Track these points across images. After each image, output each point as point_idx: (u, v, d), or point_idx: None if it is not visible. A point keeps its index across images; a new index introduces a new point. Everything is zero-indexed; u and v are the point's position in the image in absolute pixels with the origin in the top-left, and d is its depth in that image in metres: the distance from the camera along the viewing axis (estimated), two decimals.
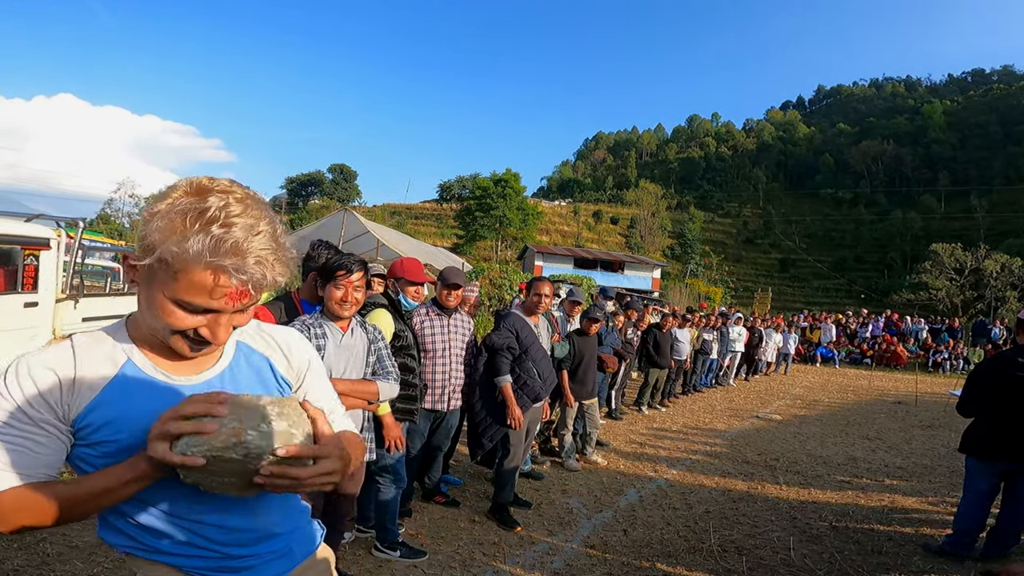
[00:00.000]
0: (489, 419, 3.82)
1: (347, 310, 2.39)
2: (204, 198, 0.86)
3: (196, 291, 0.87)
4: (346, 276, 2.36)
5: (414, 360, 3.14)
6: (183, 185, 0.90)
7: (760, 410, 8.84)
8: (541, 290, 4.07)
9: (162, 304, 0.89)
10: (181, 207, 0.85)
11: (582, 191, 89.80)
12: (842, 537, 3.72)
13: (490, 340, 3.81)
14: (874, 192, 74.57)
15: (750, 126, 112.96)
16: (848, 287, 52.50)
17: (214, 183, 0.90)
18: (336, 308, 2.37)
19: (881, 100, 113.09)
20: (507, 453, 3.95)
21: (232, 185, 0.92)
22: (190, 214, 0.84)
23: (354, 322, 2.49)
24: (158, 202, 0.88)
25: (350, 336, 2.45)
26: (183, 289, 0.87)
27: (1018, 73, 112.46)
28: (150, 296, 0.90)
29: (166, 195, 0.89)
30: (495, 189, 44.17)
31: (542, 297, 4.05)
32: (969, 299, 33.86)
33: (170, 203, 0.86)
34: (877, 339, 18.51)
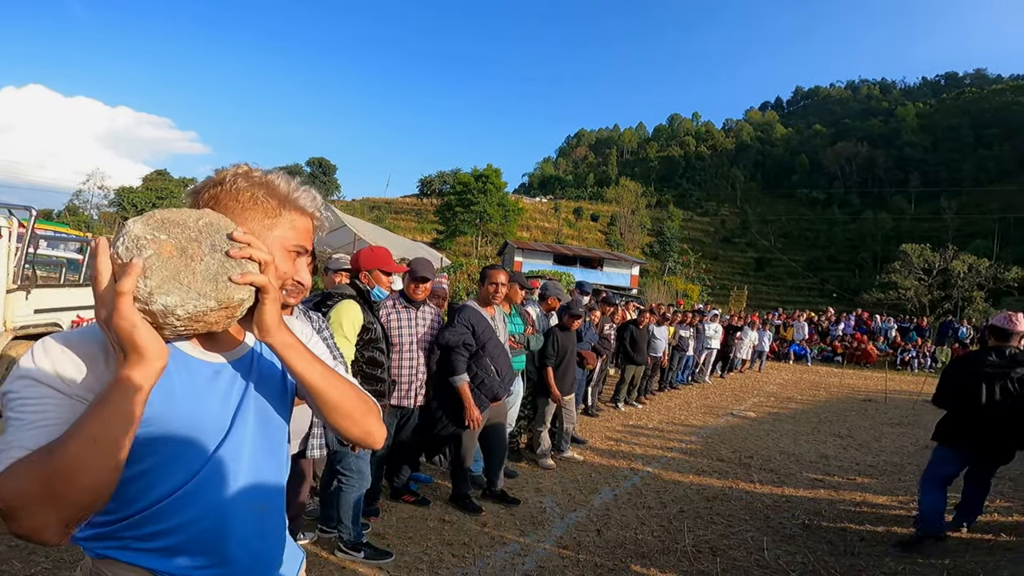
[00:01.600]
0: (445, 419, 3.69)
1: (293, 298, 2.18)
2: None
3: (302, 235, 1.01)
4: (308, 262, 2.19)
5: (383, 354, 3.02)
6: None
7: (735, 407, 8.89)
8: (496, 279, 3.85)
9: (282, 255, 0.98)
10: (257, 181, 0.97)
11: (563, 188, 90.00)
12: (815, 537, 3.70)
13: (444, 338, 3.60)
14: (847, 193, 76.12)
15: (729, 126, 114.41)
16: (821, 286, 53.46)
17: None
18: (286, 299, 2.16)
19: (856, 102, 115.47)
20: (461, 452, 3.86)
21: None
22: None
23: (296, 311, 2.24)
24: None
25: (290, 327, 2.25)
26: (293, 235, 1.00)
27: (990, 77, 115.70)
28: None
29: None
30: (476, 185, 43.88)
31: (498, 287, 3.85)
32: (937, 299, 34.68)
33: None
34: (848, 337, 18.86)
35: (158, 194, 42.74)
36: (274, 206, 0.96)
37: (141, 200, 41.46)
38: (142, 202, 41.19)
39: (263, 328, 0.88)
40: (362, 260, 3.09)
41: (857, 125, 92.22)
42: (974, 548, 3.58)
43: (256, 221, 0.95)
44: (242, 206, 0.94)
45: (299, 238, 1.00)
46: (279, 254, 0.97)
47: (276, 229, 0.97)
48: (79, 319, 5.92)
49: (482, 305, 3.86)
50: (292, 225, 0.99)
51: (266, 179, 0.97)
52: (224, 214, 0.91)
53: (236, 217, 0.93)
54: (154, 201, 41.62)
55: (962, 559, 3.39)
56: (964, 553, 3.48)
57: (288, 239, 0.98)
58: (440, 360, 3.67)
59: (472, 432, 3.80)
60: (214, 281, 0.81)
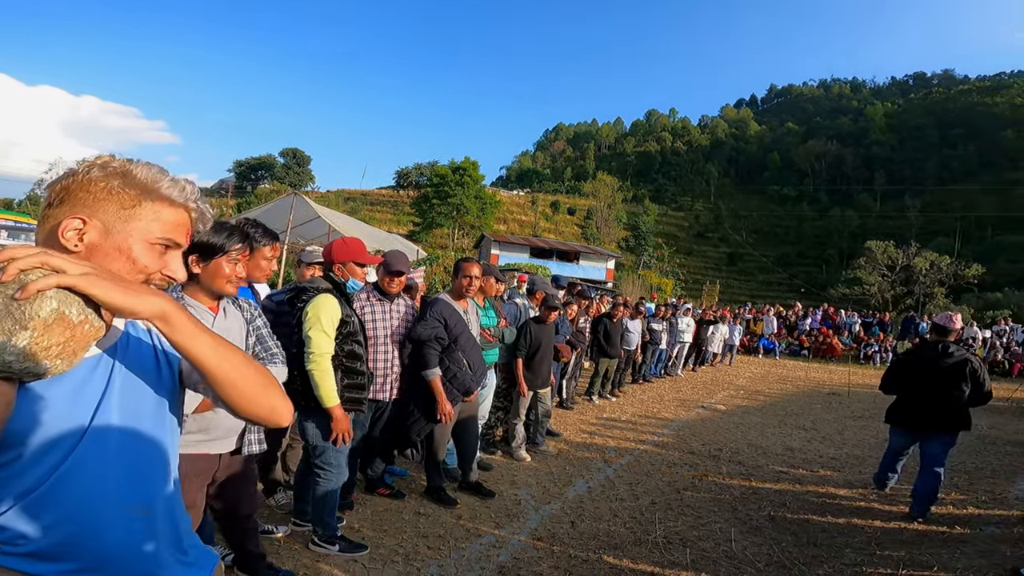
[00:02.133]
0: (418, 413, 3.69)
1: (235, 288, 2.09)
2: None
3: (170, 228, 0.97)
4: (242, 250, 2.05)
5: (361, 347, 3.00)
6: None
7: (706, 400, 9.08)
8: (470, 272, 3.83)
9: (142, 248, 0.94)
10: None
11: (540, 181, 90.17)
12: (780, 528, 3.83)
13: (416, 332, 3.58)
14: (816, 190, 77.99)
15: (705, 122, 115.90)
16: (790, 281, 54.79)
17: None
18: (227, 287, 2.03)
19: (828, 100, 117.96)
20: (433, 444, 3.88)
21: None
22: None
23: (225, 301, 2.13)
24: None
25: (223, 318, 2.09)
26: (158, 227, 0.96)
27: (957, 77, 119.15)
28: (117, 244, 0.92)
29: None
30: (453, 177, 43.65)
31: (472, 280, 3.83)
32: (900, 294, 35.84)
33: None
34: (814, 332, 19.38)
35: None
36: (132, 196, 0.92)
37: None
38: None
39: (114, 310, 0.79)
40: (335, 252, 3.05)
41: (828, 123, 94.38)
42: (929, 540, 3.74)
43: (111, 212, 0.91)
44: (94, 197, 0.90)
45: (165, 231, 0.95)
46: (140, 248, 0.92)
47: (136, 221, 0.92)
48: None
49: (455, 298, 3.86)
50: (156, 216, 0.94)
51: (125, 168, 0.93)
52: (74, 206, 0.89)
53: (87, 209, 0.90)
54: None
55: (918, 550, 3.55)
56: (920, 545, 3.64)
57: (151, 231, 0.94)
58: (412, 354, 3.66)
59: (445, 426, 3.82)
60: (7, 315, 0.70)
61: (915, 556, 3.46)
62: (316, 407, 2.81)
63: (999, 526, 4.06)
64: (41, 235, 0.91)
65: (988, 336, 17.79)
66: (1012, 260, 44.42)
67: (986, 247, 49.20)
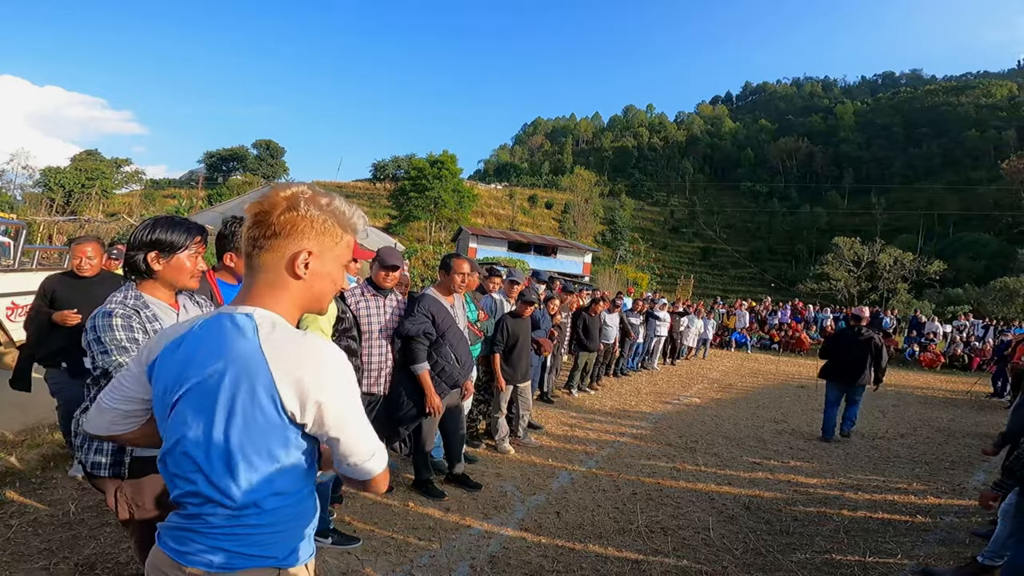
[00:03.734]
0: (409, 404, 3.76)
1: (197, 282, 2.05)
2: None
3: (353, 251, 1.24)
4: (202, 243, 2.02)
5: (356, 342, 3.07)
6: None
7: (682, 394, 9.32)
8: (462, 269, 3.90)
9: (339, 271, 1.21)
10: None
11: (518, 175, 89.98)
12: (754, 517, 4.02)
13: (404, 327, 3.65)
14: (787, 187, 79.51)
15: (681, 118, 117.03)
16: (761, 276, 55.94)
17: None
18: (190, 282, 2.00)
19: (800, 99, 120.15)
20: (421, 438, 3.96)
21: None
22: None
23: (184, 297, 2.07)
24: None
25: (185, 314, 2.03)
26: (348, 253, 1.22)
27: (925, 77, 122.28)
28: (329, 271, 1.18)
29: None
30: (431, 170, 43.35)
31: (463, 277, 3.90)
32: (865, 289, 37.02)
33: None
34: (784, 326, 19.93)
35: (88, 174, 40.18)
36: (338, 231, 1.17)
37: (69, 180, 38.94)
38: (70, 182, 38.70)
39: None
40: None
41: (800, 121, 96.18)
42: (893, 528, 3.97)
43: (326, 244, 1.15)
44: (316, 231, 1.13)
45: (351, 254, 1.23)
46: (336, 269, 1.19)
47: (338, 249, 1.18)
48: (13, 305, 5.61)
49: (443, 293, 3.92)
50: (348, 244, 1.20)
51: (332, 207, 1.16)
52: (301, 239, 1.12)
53: (311, 242, 1.13)
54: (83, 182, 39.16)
55: (883, 538, 3.76)
56: (884, 533, 3.87)
57: (345, 256, 1.20)
58: (401, 349, 3.73)
59: (433, 419, 3.90)
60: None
61: (880, 544, 3.67)
62: None
63: (958, 515, 4.31)
64: (262, 259, 1.12)
65: (948, 331, 18.52)
66: (972, 257, 46.08)
67: (947, 244, 50.95)
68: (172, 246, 1.91)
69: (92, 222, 19.42)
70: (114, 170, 44.32)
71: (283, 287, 1.13)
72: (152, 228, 1.91)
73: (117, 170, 44.95)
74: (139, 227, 1.96)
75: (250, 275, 1.15)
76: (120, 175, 45.27)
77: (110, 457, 1.79)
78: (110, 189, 40.98)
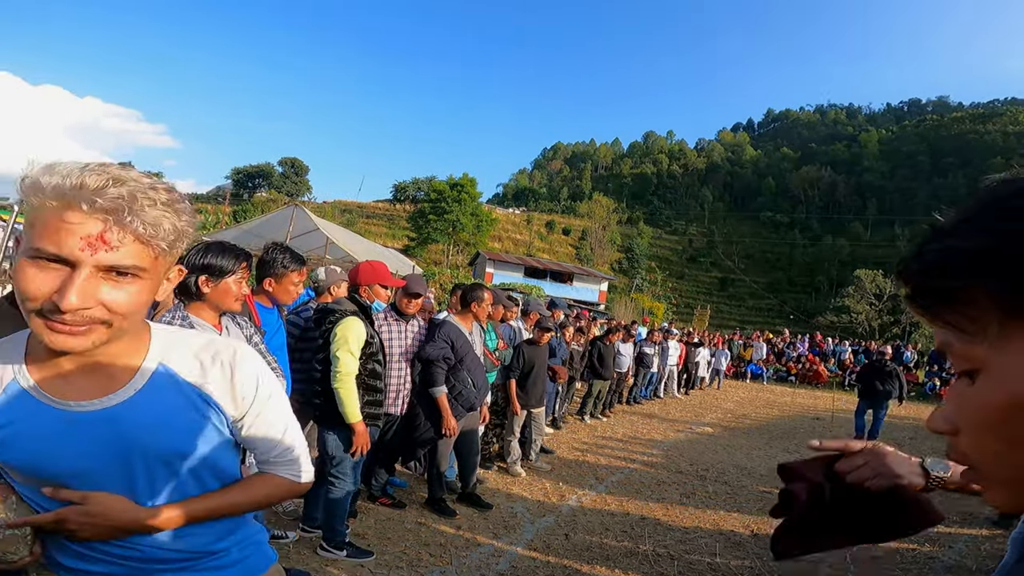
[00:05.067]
0: (426, 426, 3.92)
1: (239, 305, 2.18)
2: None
3: (45, 234, 0.76)
4: (247, 268, 2.16)
5: (381, 366, 3.23)
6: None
7: (694, 423, 9.31)
8: (484, 298, 4.11)
9: (20, 270, 0.77)
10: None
11: (537, 200, 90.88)
12: (762, 544, 4.04)
13: (425, 352, 3.83)
14: (808, 217, 78.98)
15: (701, 145, 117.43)
16: (780, 307, 55.38)
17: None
18: (235, 305, 2.13)
19: (824, 126, 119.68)
20: (436, 458, 4.10)
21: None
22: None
23: (226, 319, 2.21)
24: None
25: (226, 335, 2.13)
26: (35, 236, 0.76)
27: (951, 104, 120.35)
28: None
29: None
30: (451, 193, 44.05)
31: (485, 306, 4.11)
32: (887, 323, 36.42)
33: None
34: (802, 358, 19.71)
35: None
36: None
37: None
38: None
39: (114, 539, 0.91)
40: (361, 275, 3.30)
41: (823, 150, 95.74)
42: (900, 556, 3.94)
43: None
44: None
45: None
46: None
47: None
48: None
49: (462, 320, 4.12)
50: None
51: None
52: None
53: None
54: None
55: (889, 567, 3.76)
56: (891, 561, 3.85)
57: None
58: (421, 372, 3.91)
59: (448, 440, 4.04)
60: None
61: (887, 572, 3.68)
62: (338, 421, 3.02)
63: (967, 543, 4.30)
64: None
65: None
66: None
67: None
68: (222, 271, 2.06)
69: None
70: None
71: None
72: (205, 253, 2.07)
73: None
74: (191, 250, 2.11)
75: None
76: None
77: None
78: None
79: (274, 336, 2.74)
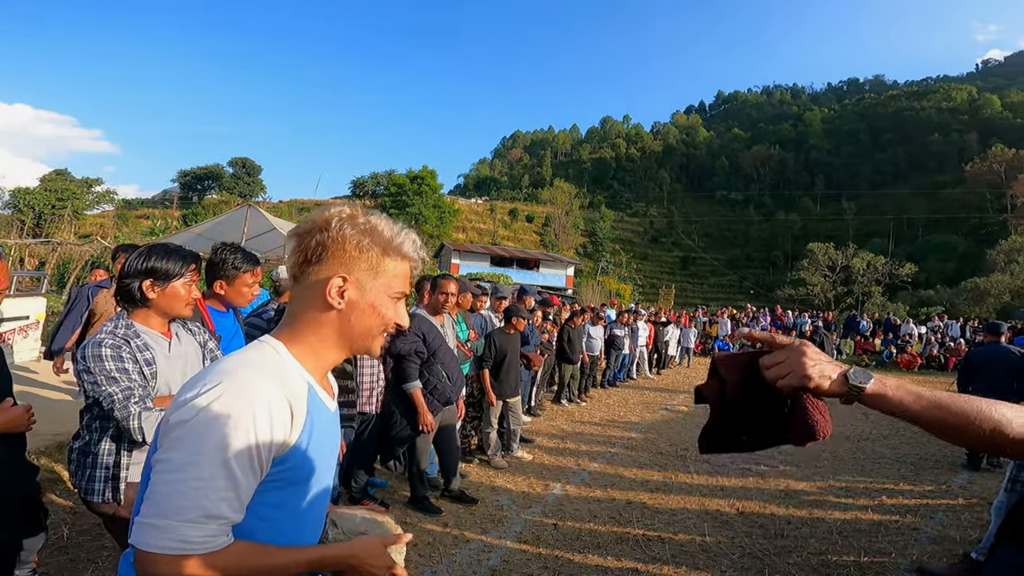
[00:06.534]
0: (403, 423, 3.78)
1: (191, 310, 2.02)
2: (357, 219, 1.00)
3: (404, 281, 1.03)
4: (196, 271, 2.00)
5: (351, 365, 3.08)
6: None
7: (668, 402, 9.41)
8: (447, 289, 3.98)
9: (386, 303, 1.01)
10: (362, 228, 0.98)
11: (499, 189, 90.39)
12: (748, 522, 4.08)
13: (396, 347, 3.69)
14: (761, 194, 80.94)
15: (657, 129, 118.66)
16: (740, 283, 56.77)
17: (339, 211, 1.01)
18: (185, 310, 1.97)
19: (771, 107, 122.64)
20: (416, 455, 3.97)
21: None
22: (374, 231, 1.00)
23: (177, 325, 2.05)
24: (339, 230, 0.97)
25: (178, 343, 1.99)
26: (397, 283, 1.01)
27: (887, 83, 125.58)
28: (371, 300, 0.99)
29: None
30: (411, 186, 43.43)
31: (448, 296, 3.98)
32: (840, 294, 37.76)
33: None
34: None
35: (58, 195, 39.42)
36: (378, 253, 0.98)
37: (39, 201, 38.15)
38: (40, 203, 37.91)
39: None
40: None
41: (771, 129, 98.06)
42: (884, 529, 4.04)
43: (363, 269, 0.97)
44: (348, 255, 0.96)
45: (401, 285, 1.02)
46: (384, 302, 1.00)
47: (381, 276, 0.99)
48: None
49: (432, 314, 3.98)
50: (395, 273, 1.01)
51: (370, 225, 0.98)
52: (333, 264, 0.96)
53: (344, 267, 0.96)
54: (54, 203, 38.38)
55: (875, 539, 3.84)
56: (876, 533, 3.94)
57: (392, 287, 1.00)
58: (393, 368, 3.76)
59: (427, 436, 3.91)
60: None
61: (873, 544, 3.75)
62: None
63: (947, 513, 4.42)
64: (303, 292, 0.98)
65: (924, 332, 18.97)
66: (942, 259, 47.28)
67: (917, 247, 52.23)
68: (167, 274, 1.90)
69: (65, 244, 19.01)
70: (85, 190, 43.50)
71: (313, 320, 0.98)
72: (147, 256, 1.90)
73: (88, 190, 44.14)
74: (133, 255, 1.94)
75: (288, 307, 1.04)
76: (91, 195, 44.45)
77: (107, 484, 1.80)
78: (81, 210, 40.20)
79: (231, 340, 2.58)
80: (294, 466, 0.92)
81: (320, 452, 0.98)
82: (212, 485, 0.80)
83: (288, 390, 0.90)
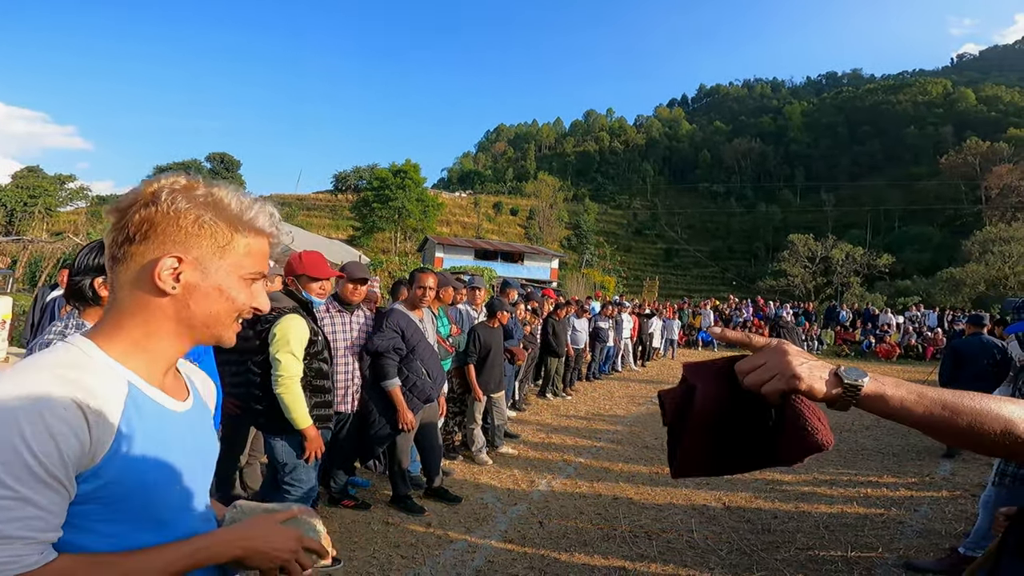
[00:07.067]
0: (382, 422, 3.68)
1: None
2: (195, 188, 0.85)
3: (259, 259, 0.90)
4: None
5: (328, 364, 2.97)
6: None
7: (653, 395, 9.41)
8: (425, 282, 3.88)
9: (237, 285, 0.87)
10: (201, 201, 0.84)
11: (483, 183, 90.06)
12: (735, 517, 4.05)
13: (374, 343, 3.57)
14: (743, 187, 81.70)
15: (640, 122, 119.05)
16: (722, 274, 57.33)
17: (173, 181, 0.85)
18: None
19: (751, 100, 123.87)
20: (396, 454, 3.89)
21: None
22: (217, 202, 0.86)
23: None
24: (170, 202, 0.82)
25: None
26: (250, 262, 0.88)
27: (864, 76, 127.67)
28: (216, 283, 0.85)
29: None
30: (394, 180, 42.97)
31: (426, 290, 3.88)
32: (820, 284, 38.30)
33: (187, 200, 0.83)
34: (748, 323, 20.42)
35: (30, 192, 38.42)
36: (225, 229, 0.85)
37: (10, 199, 37.17)
38: (11, 200, 36.93)
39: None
40: (288, 266, 3.00)
41: (752, 122, 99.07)
42: (871, 522, 4.03)
43: (204, 248, 0.83)
44: (185, 232, 0.82)
45: (256, 265, 0.89)
46: (234, 284, 0.86)
47: (228, 256, 0.85)
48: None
49: (409, 308, 3.88)
50: (248, 251, 0.87)
51: (213, 197, 0.84)
52: (164, 243, 0.81)
53: (179, 246, 0.82)
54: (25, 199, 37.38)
55: (862, 533, 3.82)
56: (863, 527, 3.92)
57: (244, 266, 0.87)
58: (371, 365, 3.65)
59: (407, 434, 3.82)
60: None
61: (860, 538, 3.73)
62: (284, 427, 2.75)
63: (931, 506, 4.44)
64: (125, 276, 0.82)
65: (901, 322, 19.27)
66: (918, 250, 48.20)
67: (894, 238, 53.15)
68: (94, 270, 1.76)
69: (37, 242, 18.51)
70: (58, 187, 42.49)
71: (139, 310, 0.82)
72: (99, 252, 1.76)
73: (61, 187, 43.10)
74: (83, 251, 1.82)
75: (108, 297, 0.87)
76: (64, 192, 43.44)
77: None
78: (54, 207, 39.25)
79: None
80: (117, 479, 0.76)
81: (166, 458, 0.83)
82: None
83: (85, 395, 0.74)
